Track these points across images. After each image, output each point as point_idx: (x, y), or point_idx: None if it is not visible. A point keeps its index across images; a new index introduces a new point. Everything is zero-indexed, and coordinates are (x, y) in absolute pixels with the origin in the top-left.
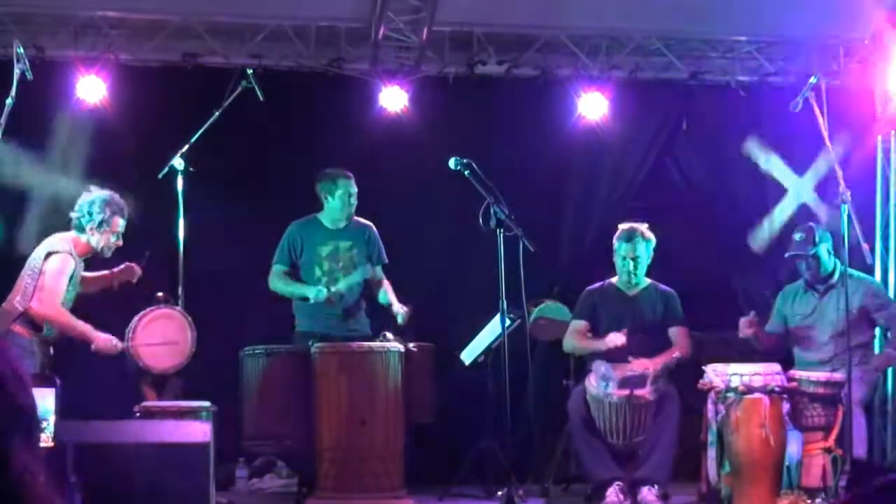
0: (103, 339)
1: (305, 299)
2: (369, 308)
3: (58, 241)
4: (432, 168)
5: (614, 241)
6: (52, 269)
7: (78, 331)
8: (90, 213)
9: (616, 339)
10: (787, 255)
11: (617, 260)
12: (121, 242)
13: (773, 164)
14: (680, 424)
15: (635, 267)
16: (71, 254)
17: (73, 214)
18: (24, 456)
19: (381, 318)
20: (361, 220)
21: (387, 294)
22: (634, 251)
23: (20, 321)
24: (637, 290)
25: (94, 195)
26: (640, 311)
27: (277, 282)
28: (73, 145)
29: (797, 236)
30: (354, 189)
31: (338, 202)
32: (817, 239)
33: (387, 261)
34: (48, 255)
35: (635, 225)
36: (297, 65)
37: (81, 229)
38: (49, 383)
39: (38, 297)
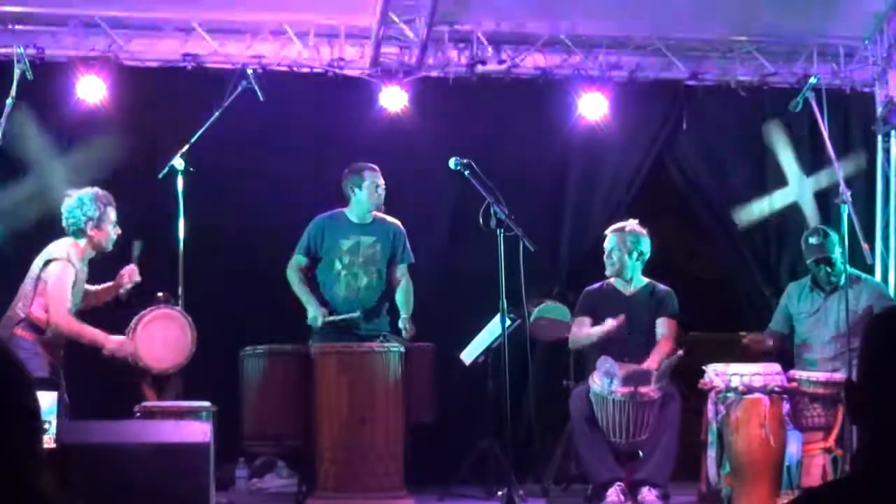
0: (116, 342)
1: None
2: (391, 308)
3: (56, 248)
4: (432, 168)
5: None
6: (53, 276)
7: (88, 338)
8: (85, 214)
9: (615, 321)
10: (809, 260)
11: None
12: (119, 231)
13: (783, 155)
14: (680, 424)
15: (619, 260)
16: (69, 260)
17: (66, 222)
18: (28, 457)
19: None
20: (389, 217)
21: (405, 298)
22: (622, 244)
23: (22, 326)
24: (634, 289)
25: (77, 196)
26: (638, 310)
27: (293, 275)
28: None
29: (813, 240)
30: (381, 181)
31: (365, 193)
32: (832, 241)
33: (413, 260)
34: (46, 262)
35: (625, 222)
36: (297, 65)
37: (81, 233)
38: (52, 386)
39: (41, 304)
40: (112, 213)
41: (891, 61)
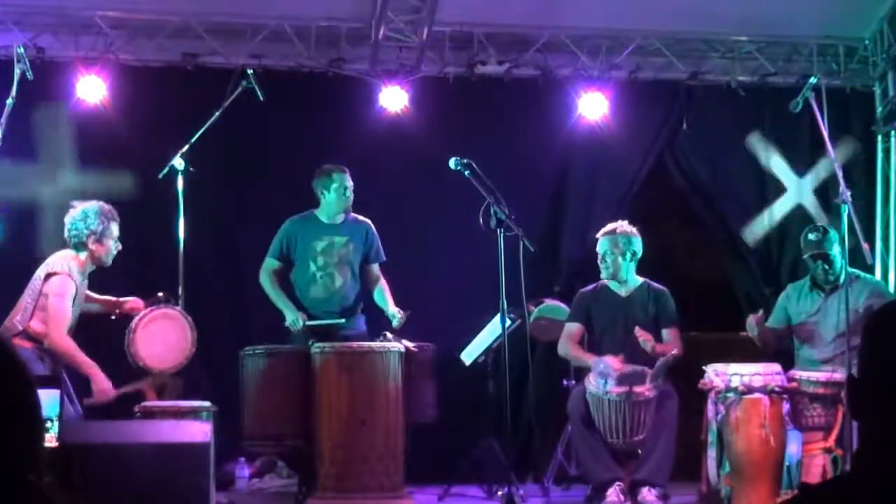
0: (102, 383)
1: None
2: (365, 306)
3: (58, 260)
4: (432, 168)
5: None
6: (54, 292)
7: (81, 365)
8: (88, 228)
9: (612, 362)
10: (806, 255)
11: (599, 257)
12: (120, 247)
13: (774, 163)
14: (680, 424)
15: (613, 263)
16: (70, 275)
17: (68, 234)
18: (28, 456)
19: (377, 317)
20: (359, 217)
21: (383, 294)
22: (615, 246)
23: (20, 337)
24: (629, 289)
25: (81, 209)
26: (633, 311)
27: (266, 279)
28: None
29: (812, 236)
30: (350, 183)
31: (334, 195)
32: (831, 238)
33: (385, 259)
34: (48, 276)
35: (617, 223)
36: (297, 65)
37: (82, 246)
38: (54, 384)
39: (41, 318)
40: (115, 229)
41: (891, 61)
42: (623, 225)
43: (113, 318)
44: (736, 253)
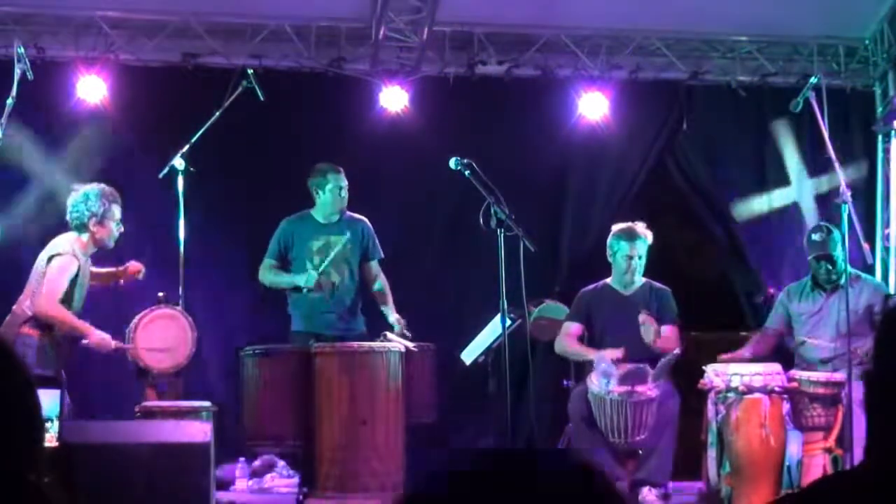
0: (97, 336)
1: (297, 289)
2: (365, 306)
3: (61, 242)
4: (432, 168)
5: (610, 240)
6: (53, 269)
7: (75, 326)
8: (88, 210)
9: (613, 353)
10: (811, 256)
11: (616, 259)
12: (122, 229)
13: (788, 154)
14: (680, 424)
15: (636, 266)
16: (74, 255)
17: (69, 216)
18: (27, 455)
19: (377, 317)
20: (355, 214)
21: (384, 292)
22: (637, 250)
23: (30, 324)
24: (632, 289)
25: (83, 192)
26: (636, 309)
27: (267, 274)
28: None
29: (816, 237)
30: (345, 182)
31: (329, 196)
32: (835, 239)
33: (382, 255)
34: (51, 258)
35: (631, 224)
36: (297, 65)
37: (83, 228)
38: (55, 384)
39: (39, 295)
40: (117, 211)
41: (891, 61)
42: (641, 227)
43: (119, 283)
44: (736, 253)
